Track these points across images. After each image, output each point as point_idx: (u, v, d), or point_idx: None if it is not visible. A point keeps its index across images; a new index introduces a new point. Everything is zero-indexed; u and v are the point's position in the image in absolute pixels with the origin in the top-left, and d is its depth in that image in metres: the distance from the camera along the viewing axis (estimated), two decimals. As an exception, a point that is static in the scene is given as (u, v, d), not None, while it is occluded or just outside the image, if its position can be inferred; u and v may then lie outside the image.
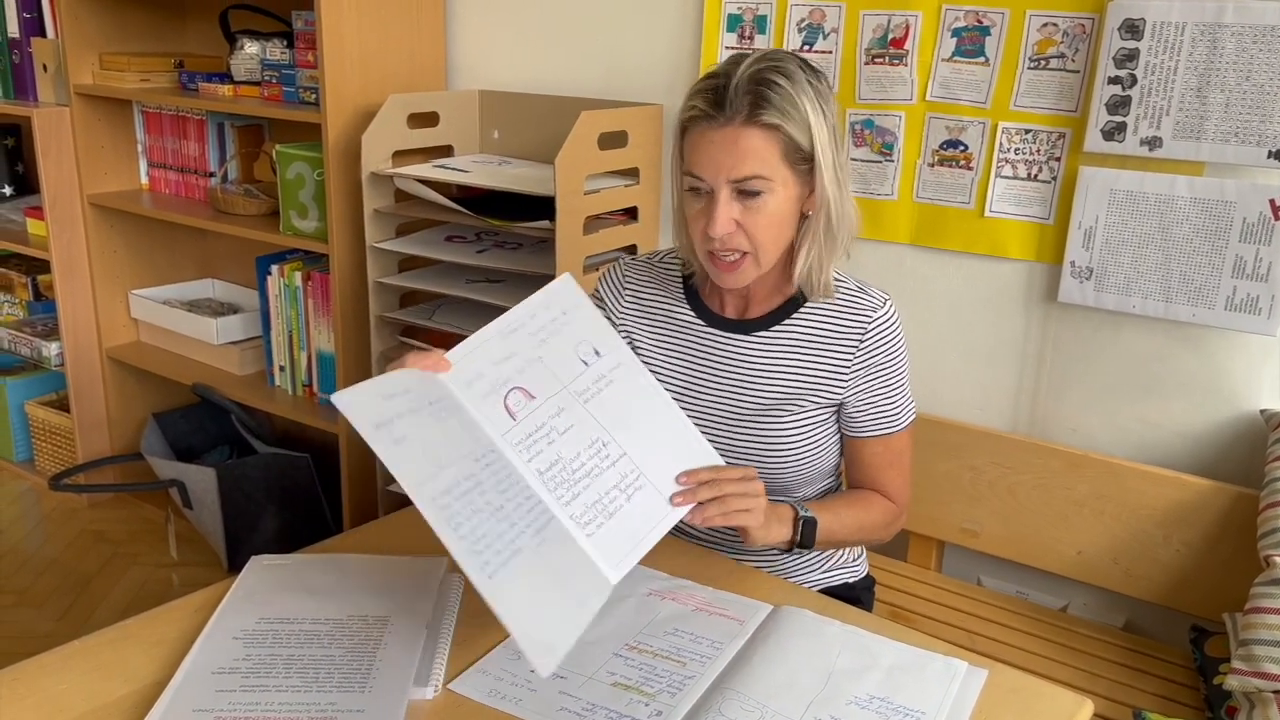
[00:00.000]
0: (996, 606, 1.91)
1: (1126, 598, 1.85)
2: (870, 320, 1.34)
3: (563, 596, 1.01)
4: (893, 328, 1.35)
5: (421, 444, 1.01)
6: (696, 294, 1.41)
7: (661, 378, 1.41)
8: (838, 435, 1.41)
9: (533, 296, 1.18)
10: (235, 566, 1.19)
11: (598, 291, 1.47)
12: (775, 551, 1.46)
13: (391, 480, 2.42)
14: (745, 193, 1.23)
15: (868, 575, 1.57)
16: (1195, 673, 1.71)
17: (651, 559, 1.26)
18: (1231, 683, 1.47)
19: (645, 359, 1.42)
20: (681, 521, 1.16)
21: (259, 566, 1.26)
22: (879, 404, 1.37)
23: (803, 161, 1.24)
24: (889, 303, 1.36)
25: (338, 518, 2.59)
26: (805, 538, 1.27)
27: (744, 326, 1.38)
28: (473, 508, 1.00)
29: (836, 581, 1.51)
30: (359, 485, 2.49)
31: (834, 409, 1.38)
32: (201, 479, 2.48)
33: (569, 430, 1.12)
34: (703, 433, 1.33)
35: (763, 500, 1.20)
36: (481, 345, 1.12)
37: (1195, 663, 1.72)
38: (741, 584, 1.25)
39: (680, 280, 1.42)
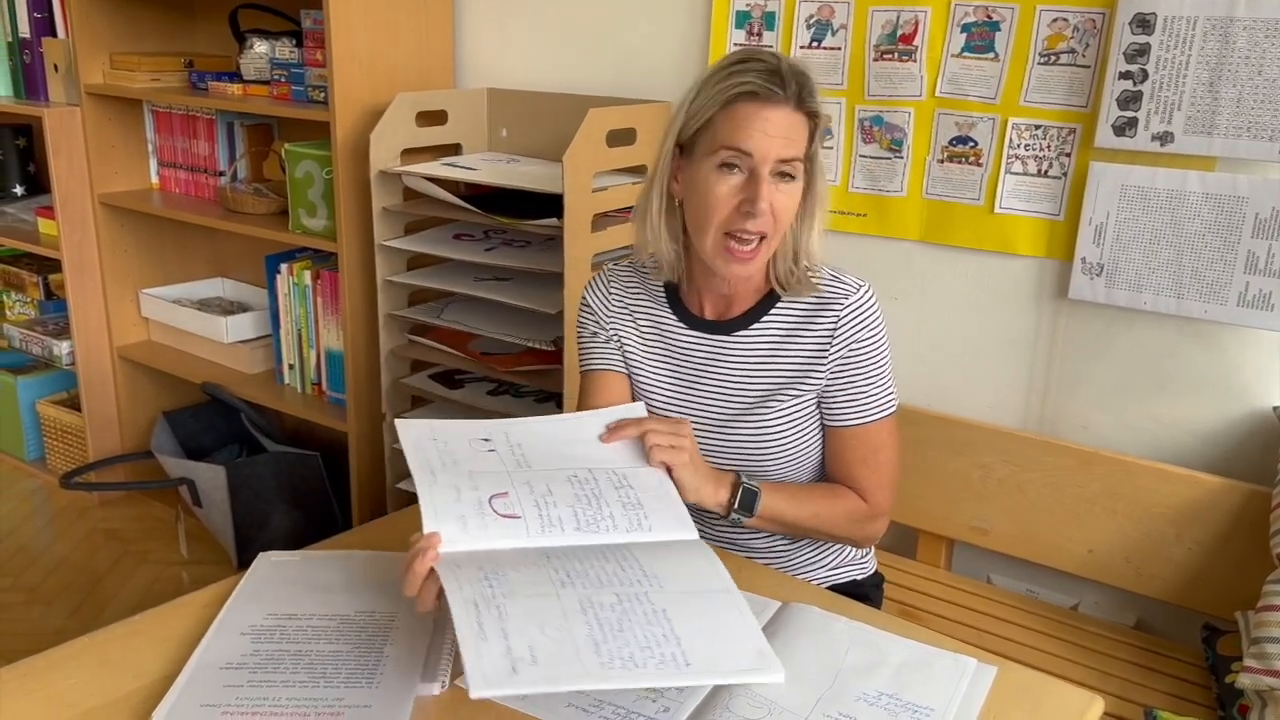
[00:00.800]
0: (1007, 605, 1.90)
1: (1138, 596, 1.84)
2: (844, 306, 1.32)
3: (716, 605, 1.03)
4: (868, 312, 1.33)
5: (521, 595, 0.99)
6: (678, 297, 1.41)
7: (649, 382, 1.42)
8: (822, 429, 1.40)
9: (408, 453, 1.15)
10: (245, 564, 1.20)
11: (585, 299, 1.46)
12: (781, 547, 1.46)
13: (400, 478, 2.43)
14: (782, 174, 1.24)
15: (876, 572, 1.56)
16: (1207, 671, 1.70)
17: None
18: (1244, 681, 1.46)
19: (633, 364, 1.43)
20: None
21: (267, 563, 1.26)
22: (852, 391, 1.34)
23: (810, 158, 1.27)
24: (864, 288, 1.34)
25: (347, 515, 2.59)
26: (744, 506, 1.27)
27: (724, 327, 1.37)
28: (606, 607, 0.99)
29: (844, 578, 1.50)
30: (368, 483, 2.50)
31: (815, 399, 1.36)
32: (211, 477, 2.48)
33: (549, 489, 1.13)
34: (696, 433, 1.34)
35: (689, 446, 1.21)
36: (432, 501, 1.07)
37: (1207, 661, 1.71)
38: (749, 580, 1.24)
39: (661, 284, 1.42)
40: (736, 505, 1.27)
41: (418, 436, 1.17)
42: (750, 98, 1.22)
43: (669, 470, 1.19)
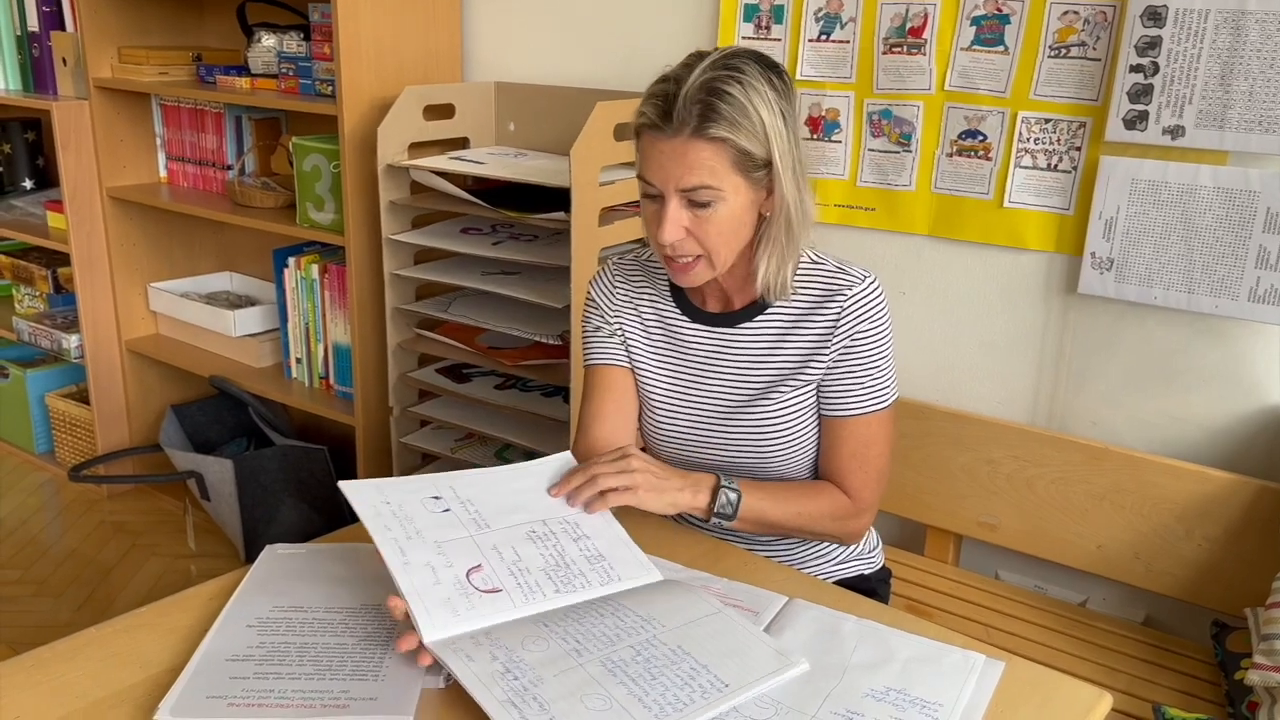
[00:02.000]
0: (1014, 600, 1.90)
1: (1146, 592, 1.83)
2: (848, 295, 1.31)
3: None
4: (872, 302, 1.31)
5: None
6: (682, 290, 1.40)
7: (652, 376, 1.42)
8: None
9: (368, 523, 1.15)
10: (252, 557, 1.20)
11: (589, 293, 1.46)
12: (787, 541, 1.45)
13: (407, 471, 2.43)
14: (695, 202, 1.22)
15: (884, 567, 1.56)
16: (1216, 668, 1.69)
17: (666, 550, 1.26)
18: (1253, 678, 1.45)
19: (636, 357, 1.42)
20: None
21: (273, 555, 1.26)
22: (849, 382, 1.33)
23: (757, 168, 1.22)
24: (869, 279, 1.32)
25: (353, 509, 2.59)
26: (724, 509, 1.27)
27: (727, 319, 1.37)
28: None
29: (851, 573, 1.50)
30: (375, 476, 2.49)
31: (815, 387, 1.35)
32: (219, 470, 2.49)
33: (517, 554, 1.13)
34: (695, 427, 1.36)
35: (642, 472, 1.21)
36: (414, 589, 1.06)
37: (1216, 658, 1.70)
38: (755, 575, 1.24)
39: (666, 278, 1.41)
40: (716, 509, 1.27)
41: (370, 502, 1.17)
42: (646, 130, 1.22)
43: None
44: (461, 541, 1.14)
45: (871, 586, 1.51)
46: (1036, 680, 1.08)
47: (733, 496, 1.27)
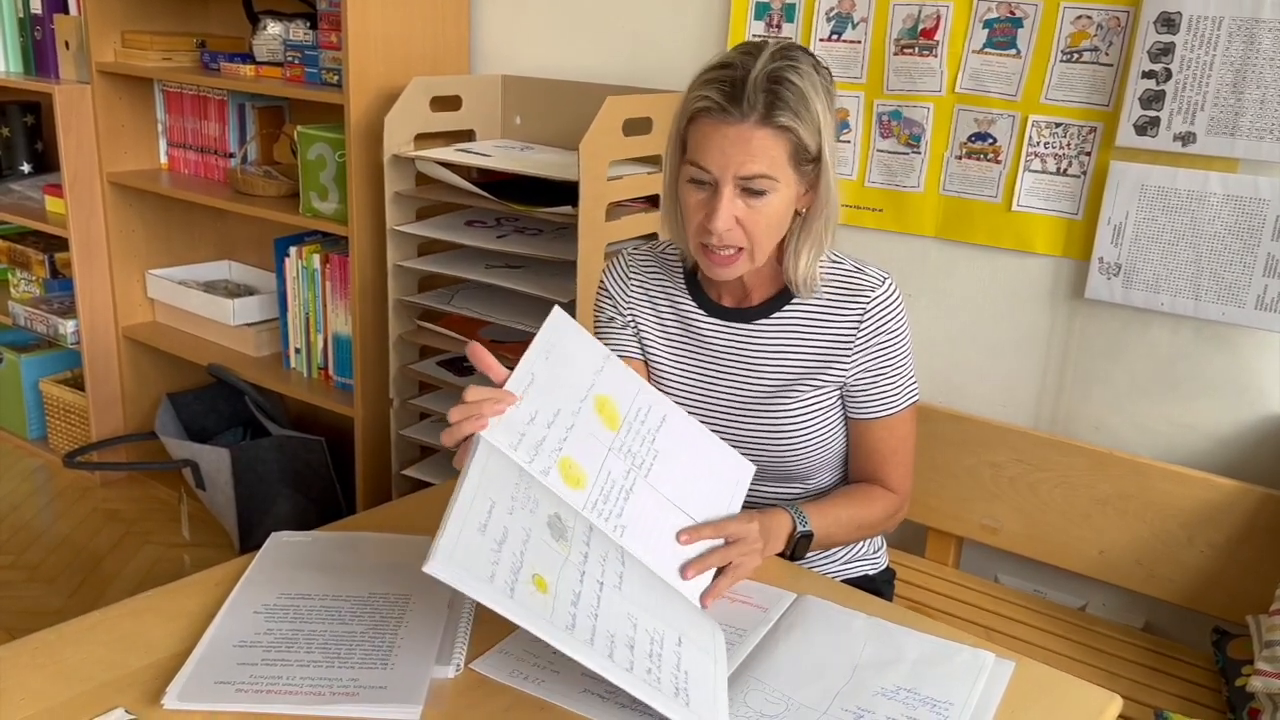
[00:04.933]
0: (1014, 604, 1.89)
1: (1147, 598, 1.83)
2: (870, 299, 1.32)
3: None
4: (893, 305, 1.33)
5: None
6: (698, 284, 1.40)
7: (667, 369, 1.41)
8: (845, 420, 1.40)
9: (538, 342, 1.13)
10: (247, 548, 1.19)
11: (602, 282, 1.45)
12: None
13: (406, 464, 2.42)
14: (750, 191, 1.21)
15: (888, 568, 1.55)
16: (1217, 674, 1.69)
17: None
18: (1255, 684, 1.46)
19: (650, 349, 1.42)
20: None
21: (279, 542, 1.25)
22: (880, 384, 1.34)
23: (806, 162, 1.23)
24: (888, 281, 1.34)
25: (351, 501, 2.58)
26: (799, 551, 1.29)
27: (745, 315, 1.37)
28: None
29: (856, 573, 1.50)
30: (373, 468, 2.49)
31: (839, 391, 1.36)
32: (215, 460, 2.47)
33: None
34: (711, 424, 1.35)
35: (758, 541, 1.21)
36: (529, 386, 1.08)
37: (1217, 664, 1.70)
38: (763, 573, 1.24)
39: (682, 271, 1.41)
40: (794, 554, 1.29)
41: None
42: (709, 113, 1.20)
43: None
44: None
45: (877, 587, 1.50)
46: (1046, 681, 1.07)
47: (807, 537, 1.28)
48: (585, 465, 1.11)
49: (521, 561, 0.94)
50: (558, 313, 1.18)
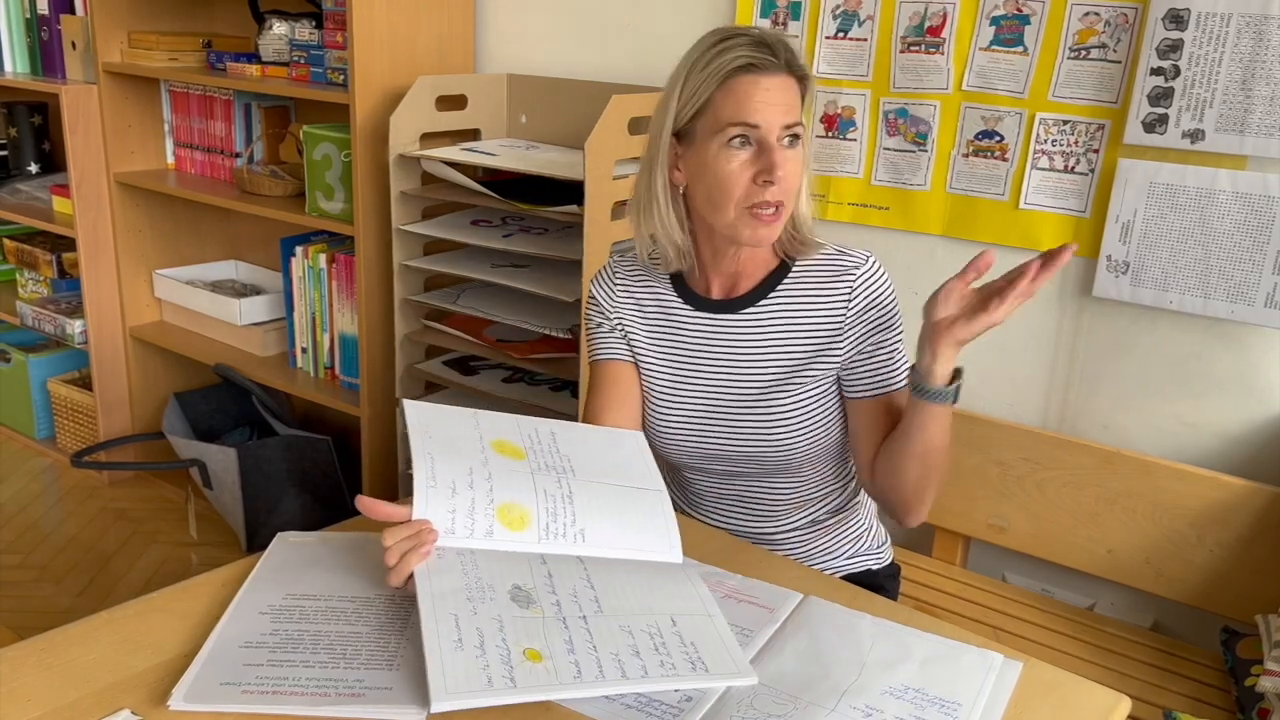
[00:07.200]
0: (1021, 603, 1.89)
1: (1155, 597, 1.82)
2: (855, 276, 1.32)
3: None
4: (879, 280, 1.33)
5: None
6: (683, 281, 1.39)
7: (656, 370, 1.40)
8: (841, 411, 1.38)
9: (414, 441, 1.20)
10: (254, 547, 1.19)
11: (591, 291, 1.45)
12: (799, 535, 1.45)
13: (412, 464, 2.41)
14: (793, 139, 1.24)
15: (893, 563, 1.55)
16: (1226, 674, 1.69)
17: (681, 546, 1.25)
18: (1264, 684, 1.45)
19: (639, 352, 1.41)
20: (703, 513, 1.16)
21: (285, 543, 1.25)
22: (879, 358, 1.33)
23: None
24: (871, 258, 1.34)
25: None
26: (957, 378, 1.25)
27: (731, 306, 1.36)
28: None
29: (860, 568, 1.49)
30: (379, 468, 2.49)
31: (834, 376, 1.35)
32: (222, 459, 2.48)
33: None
34: (705, 419, 1.35)
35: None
36: (430, 488, 1.12)
37: (1226, 664, 1.69)
38: (768, 571, 1.23)
39: (666, 273, 1.40)
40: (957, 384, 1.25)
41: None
42: (746, 70, 1.22)
43: None
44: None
45: (880, 582, 1.50)
46: (1055, 682, 1.07)
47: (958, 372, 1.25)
48: (521, 499, 1.14)
49: (508, 648, 0.96)
50: (409, 405, 1.24)
